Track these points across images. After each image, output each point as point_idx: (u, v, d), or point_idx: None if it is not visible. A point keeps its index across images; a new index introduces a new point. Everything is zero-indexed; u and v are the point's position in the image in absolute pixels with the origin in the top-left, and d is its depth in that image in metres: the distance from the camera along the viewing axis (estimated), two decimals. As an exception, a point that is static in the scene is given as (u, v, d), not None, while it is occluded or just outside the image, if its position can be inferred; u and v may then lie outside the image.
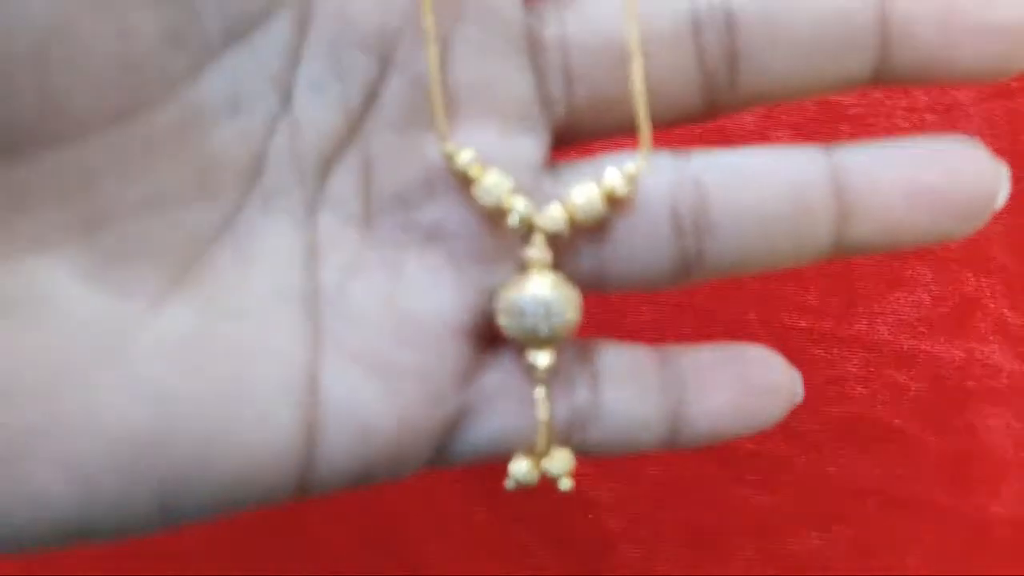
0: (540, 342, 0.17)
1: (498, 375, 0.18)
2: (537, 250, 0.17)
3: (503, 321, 0.17)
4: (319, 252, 0.17)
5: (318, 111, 0.16)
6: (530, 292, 0.17)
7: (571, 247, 0.18)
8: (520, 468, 0.17)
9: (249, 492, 0.16)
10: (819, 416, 0.29)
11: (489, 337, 0.18)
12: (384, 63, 0.16)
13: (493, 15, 0.17)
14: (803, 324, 0.28)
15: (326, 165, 0.17)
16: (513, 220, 0.17)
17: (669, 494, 0.29)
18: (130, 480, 0.15)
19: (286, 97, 0.16)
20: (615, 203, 0.17)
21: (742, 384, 0.18)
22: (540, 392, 0.17)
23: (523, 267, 0.17)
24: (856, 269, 0.28)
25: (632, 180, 0.17)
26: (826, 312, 0.29)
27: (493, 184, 0.16)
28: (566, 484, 0.18)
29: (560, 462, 0.18)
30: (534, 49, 0.17)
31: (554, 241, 0.17)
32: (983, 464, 0.28)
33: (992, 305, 0.29)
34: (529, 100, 0.17)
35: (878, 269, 0.28)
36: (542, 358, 0.17)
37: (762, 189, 0.17)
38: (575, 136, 0.18)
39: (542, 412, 0.17)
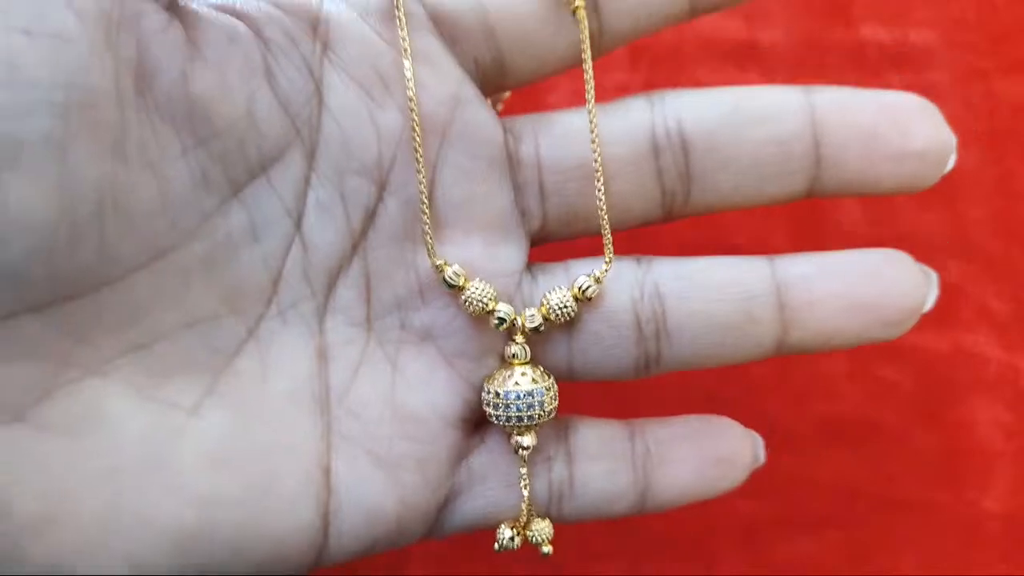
0: (523, 428, 0.20)
1: (485, 457, 0.20)
2: (519, 347, 0.20)
3: (490, 411, 0.20)
4: (328, 355, 0.19)
5: (325, 232, 0.19)
6: (514, 386, 0.19)
7: (546, 344, 0.20)
8: (506, 535, 0.20)
9: (274, 569, 0.18)
10: (805, 416, 0.28)
11: (475, 422, 0.20)
12: (381, 187, 0.19)
13: (477, 138, 0.19)
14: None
15: (333, 278, 0.19)
16: (496, 322, 0.19)
17: (652, 504, 0.28)
18: (179, 567, 0.17)
19: (298, 221, 0.18)
20: (584, 303, 0.20)
21: (704, 456, 0.21)
22: (523, 471, 0.20)
23: (506, 362, 0.20)
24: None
25: (599, 282, 0.19)
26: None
27: (477, 292, 0.19)
28: (547, 550, 0.20)
29: (541, 531, 0.20)
30: (513, 167, 0.20)
31: (532, 338, 0.20)
32: (974, 458, 0.28)
33: (976, 292, 0.28)
34: (509, 213, 0.20)
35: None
36: (526, 440, 0.20)
37: (715, 301, 0.19)
38: (547, 239, 0.21)
39: (525, 489, 0.20)
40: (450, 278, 0.19)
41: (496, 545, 0.20)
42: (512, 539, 0.20)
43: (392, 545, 0.19)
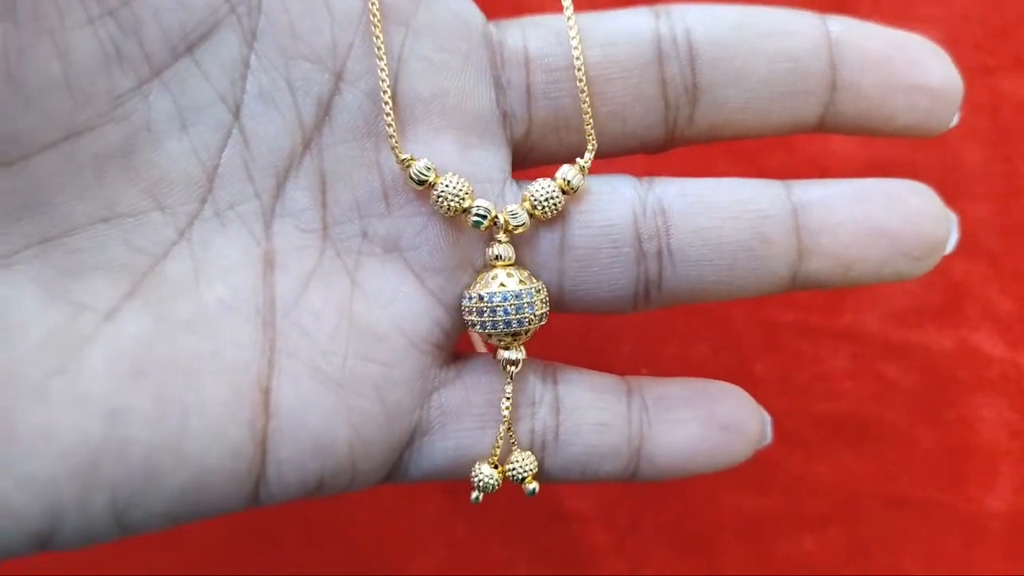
0: (511, 335, 0.17)
1: (459, 392, 0.18)
2: (504, 247, 0.17)
3: (474, 319, 0.17)
4: (275, 263, 0.17)
5: (270, 124, 0.17)
6: (499, 287, 0.17)
7: (535, 260, 0.18)
8: (483, 473, 0.18)
9: (201, 503, 0.16)
10: (808, 414, 0.28)
11: (448, 351, 0.18)
12: (336, 76, 0.17)
13: (448, 30, 0.17)
14: (789, 318, 0.28)
15: (281, 177, 0.17)
16: (475, 220, 0.17)
17: (654, 502, 0.28)
18: (85, 490, 0.15)
19: (236, 110, 0.17)
20: (570, 194, 0.18)
21: (708, 421, 0.19)
22: (508, 388, 0.18)
23: (487, 265, 0.18)
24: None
25: (583, 171, 0.18)
26: (813, 304, 0.28)
27: (451, 187, 0.17)
28: (531, 487, 0.18)
29: (523, 464, 0.18)
30: (495, 65, 0.18)
31: (517, 246, 0.18)
32: (977, 457, 0.28)
33: (981, 290, 0.28)
34: (488, 114, 0.18)
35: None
36: (513, 354, 0.18)
37: (725, 218, 0.18)
38: (533, 155, 0.19)
39: (507, 411, 0.17)
40: (417, 173, 0.17)
41: (474, 487, 0.18)
42: (491, 476, 0.18)
43: (345, 487, 0.17)
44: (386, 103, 0.17)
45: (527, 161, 0.19)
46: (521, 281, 0.17)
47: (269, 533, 0.27)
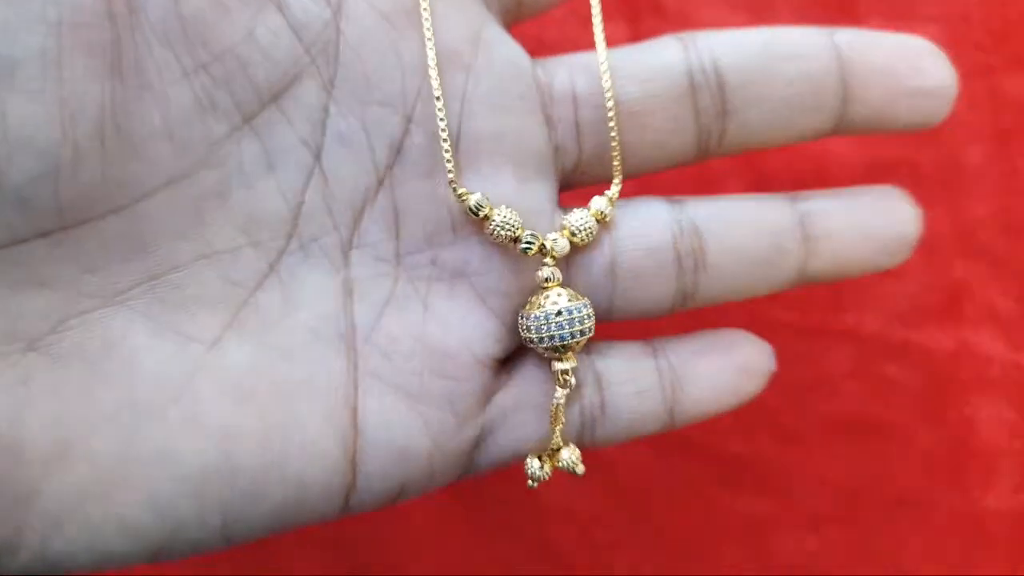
0: (563, 349, 0.19)
1: (514, 392, 0.20)
2: (551, 271, 0.19)
3: (531, 336, 0.19)
4: (354, 291, 0.19)
5: (348, 164, 0.18)
6: (551, 306, 0.19)
7: (587, 283, 0.20)
8: (534, 466, 0.20)
9: (298, 516, 0.18)
10: (809, 415, 0.28)
11: (505, 360, 0.20)
12: (406, 119, 0.19)
13: (505, 72, 0.19)
14: (789, 318, 0.28)
15: (358, 211, 0.19)
16: (524, 247, 0.19)
17: (654, 502, 0.28)
18: (199, 507, 0.17)
19: (317, 152, 0.18)
20: (603, 222, 0.20)
21: (726, 367, 0.21)
22: (560, 395, 0.19)
23: (539, 288, 0.20)
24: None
25: (612, 201, 0.20)
26: (813, 304, 0.28)
27: (503, 218, 0.19)
28: (581, 470, 0.20)
29: (570, 455, 0.20)
30: (545, 102, 0.20)
31: (565, 270, 0.20)
32: (977, 456, 0.28)
33: (982, 290, 0.28)
34: (542, 149, 0.20)
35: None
36: (566, 364, 0.19)
37: (748, 234, 0.20)
38: (580, 180, 0.21)
39: (561, 413, 0.20)
40: (474, 206, 0.19)
41: (529, 478, 0.20)
42: (542, 468, 0.20)
43: (424, 488, 0.19)
44: (444, 140, 0.18)
45: (571, 186, 0.21)
46: (570, 299, 0.19)
47: (270, 538, 0.27)
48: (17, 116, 0.15)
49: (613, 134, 0.20)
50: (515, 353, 0.20)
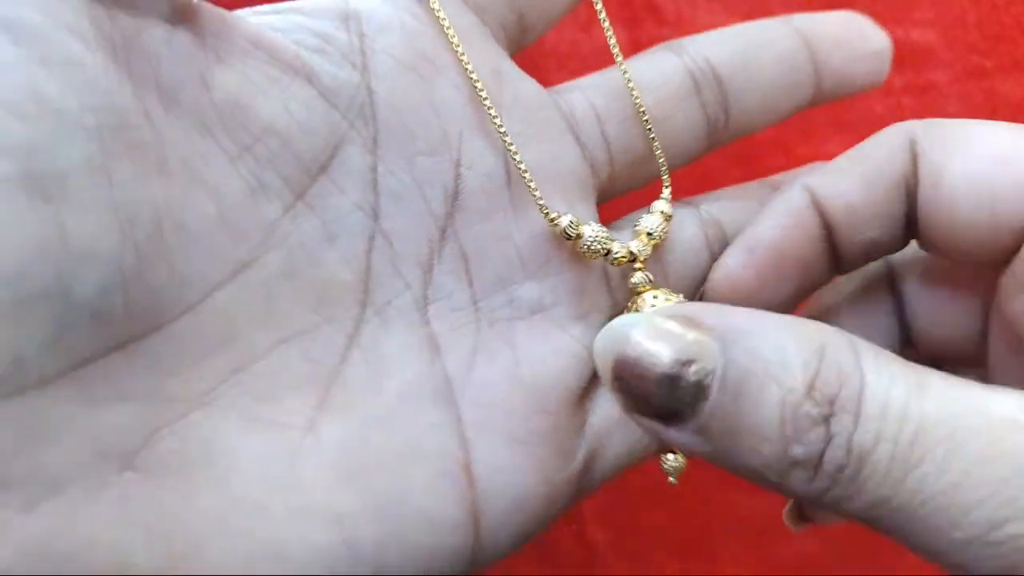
0: None
1: (605, 409, 0.20)
2: (642, 274, 0.20)
3: None
4: (440, 346, 0.18)
5: (406, 220, 0.18)
6: (651, 308, 0.19)
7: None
8: (670, 459, 0.20)
9: None
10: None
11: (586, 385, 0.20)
12: (455, 164, 0.19)
13: (530, 104, 0.20)
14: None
15: (426, 266, 0.18)
16: (617, 257, 0.20)
17: (654, 502, 0.28)
18: None
19: (374, 214, 0.18)
20: (668, 219, 0.21)
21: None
22: (641, 278, 0.20)
23: (633, 294, 0.20)
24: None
25: (669, 203, 0.21)
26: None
27: (593, 233, 0.19)
28: (673, 480, 0.20)
29: (675, 460, 0.20)
30: (572, 127, 0.20)
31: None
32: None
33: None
34: (581, 170, 0.20)
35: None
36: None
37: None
38: (614, 192, 0.21)
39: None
40: (569, 228, 0.19)
41: (670, 475, 0.20)
42: (676, 458, 0.20)
43: (543, 527, 0.19)
44: (524, 172, 0.19)
45: (605, 198, 0.21)
46: (668, 298, 0.19)
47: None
48: (76, 229, 0.14)
49: (652, 136, 0.21)
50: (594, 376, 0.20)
